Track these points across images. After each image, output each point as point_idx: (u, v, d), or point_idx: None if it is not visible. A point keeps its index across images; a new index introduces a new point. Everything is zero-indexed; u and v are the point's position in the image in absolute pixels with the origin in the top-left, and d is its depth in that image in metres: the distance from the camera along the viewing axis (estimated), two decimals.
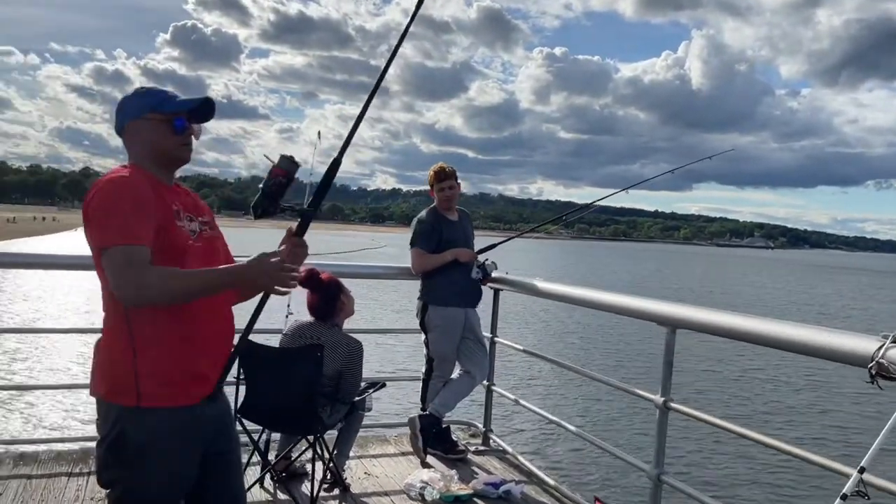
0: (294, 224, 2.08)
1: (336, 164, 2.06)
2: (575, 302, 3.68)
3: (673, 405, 2.89)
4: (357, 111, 2.08)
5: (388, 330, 7.80)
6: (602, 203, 5.01)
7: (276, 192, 1.96)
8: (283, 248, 2.04)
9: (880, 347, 1.93)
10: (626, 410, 10.50)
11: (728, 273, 71.67)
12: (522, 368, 12.75)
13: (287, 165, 1.98)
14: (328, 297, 3.57)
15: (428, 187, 4.41)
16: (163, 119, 1.97)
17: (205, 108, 2.05)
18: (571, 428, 3.74)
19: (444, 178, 4.33)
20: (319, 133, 4.52)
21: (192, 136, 2.03)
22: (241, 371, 3.38)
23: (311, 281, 3.59)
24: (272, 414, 3.42)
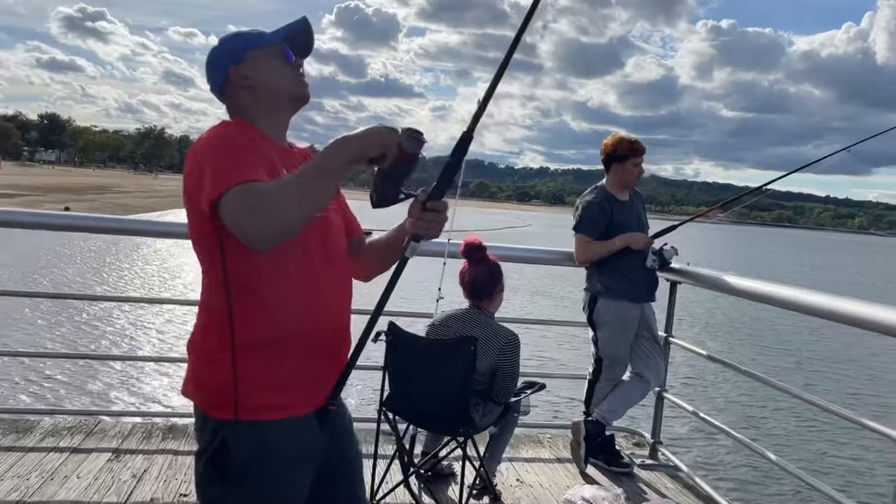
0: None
1: (466, 139, 1.47)
2: (784, 305, 3.00)
3: None
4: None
5: (548, 321, 7.18)
6: (772, 186, 4.30)
7: (397, 174, 1.46)
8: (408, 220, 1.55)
9: None
10: (849, 443, 8.47)
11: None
12: (700, 376, 10.97)
13: (410, 144, 1.44)
14: (492, 275, 3.17)
15: (575, 166, 3.86)
16: (269, 53, 1.62)
17: (305, 37, 1.67)
18: (771, 456, 3.10)
19: (641, 151, 3.78)
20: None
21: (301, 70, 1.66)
22: (388, 359, 3.06)
23: (475, 251, 3.19)
24: (420, 410, 3.09)
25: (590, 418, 3.68)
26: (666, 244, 3.77)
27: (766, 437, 8.37)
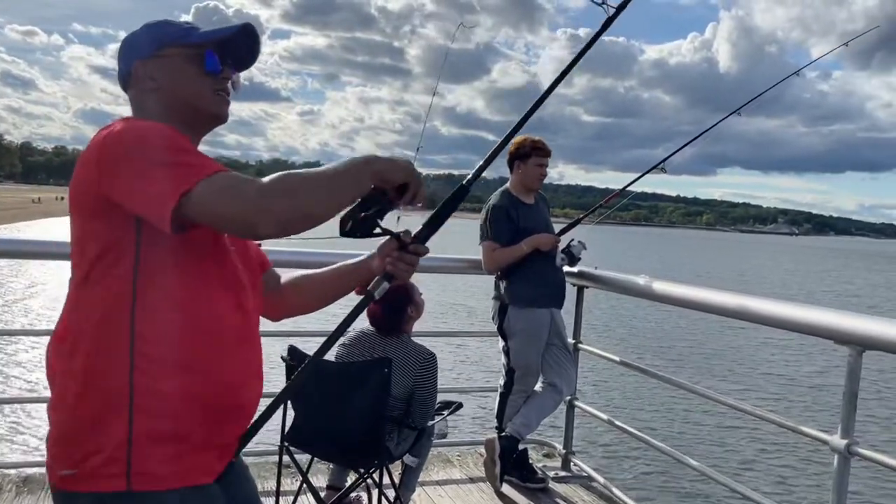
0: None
1: (464, 190, 1.47)
2: (704, 308, 2.95)
3: (859, 450, 2.19)
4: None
5: (456, 333, 6.89)
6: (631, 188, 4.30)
7: (384, 209, 1.33)
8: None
9: None
10: (776, 449, 8.34)
11: (753, 259, 70.08)
12: (610, 382, 10.74)
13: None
14: (393, 308, 2.86)
15: (447, 171, 3.68)
16: (187, 54, 1.32)
17: (242, 46, 1.38)
18: (690, 461, 3.05)
19: (544, 151, 3.63)
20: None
21: (230, 84, 1.37)
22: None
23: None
24: (327, 442, 2.77)
25: (504, 433, 3.51)
26: (573, 240, 3.67)
27: (680, 441, 8.34)
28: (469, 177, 1.48)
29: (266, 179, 1.15)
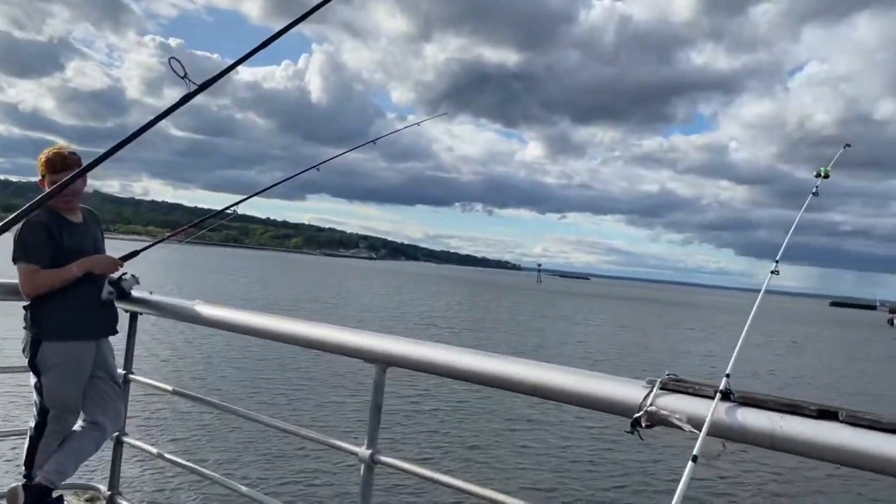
0: None
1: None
2: (253, 333, 2.99)
3: (382, 458, 2.45)
4: None
5: None
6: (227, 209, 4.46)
7: None
8: None
9: (648, 395, 1.79)
10: (319, 465, 8.73)
11: (330, 280, 75.01)
12: (164, 412, 10.26)
13: None
14: None
15: (4, 176, 3.26)
16: None
17: None
18: (242, 489, 3.04)
19: (62, 166, 3.18)
20: None
21: None
22: None
23: None
24: None
25: (33, 482, 3.05)
26: (126, 273, 3.41)
27: (231, 466, 8.34)
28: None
29: None
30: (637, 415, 1.75)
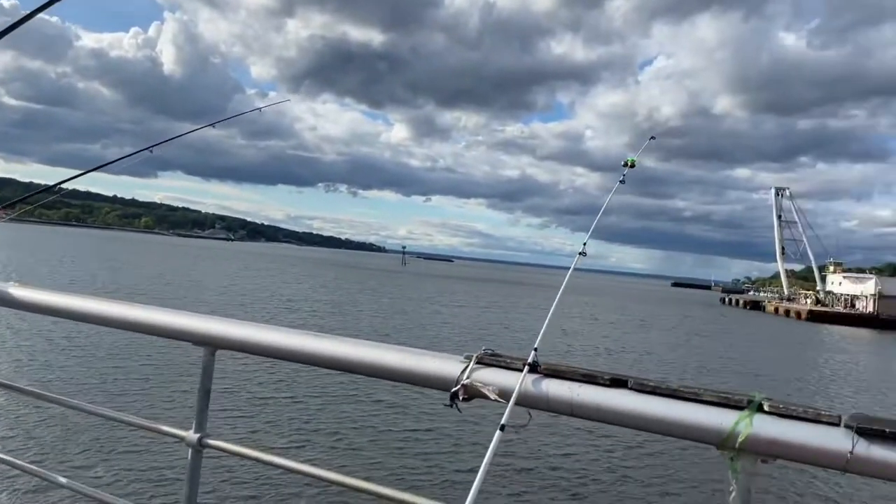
0: None
1: None
2: (75, 317, 2.80)
3: (210, 442, 2.39)
4: None
5: None
6: (66, 185, 4.20)
7: None
8: None
9: (465, 369, 1.87)
10: (145, 451, 8.41)
11: (186, 262, 71.72)
12: None
13: None
14: None
15: None
16: None
17: None
18: (61, 480, 2.86)
19: None
20: None
21: None
22: None
23: None
24: None
25: None
26: None
27: (55, 458, 7.95)
28: None
29: None
30: (455, 388, 1.83)
